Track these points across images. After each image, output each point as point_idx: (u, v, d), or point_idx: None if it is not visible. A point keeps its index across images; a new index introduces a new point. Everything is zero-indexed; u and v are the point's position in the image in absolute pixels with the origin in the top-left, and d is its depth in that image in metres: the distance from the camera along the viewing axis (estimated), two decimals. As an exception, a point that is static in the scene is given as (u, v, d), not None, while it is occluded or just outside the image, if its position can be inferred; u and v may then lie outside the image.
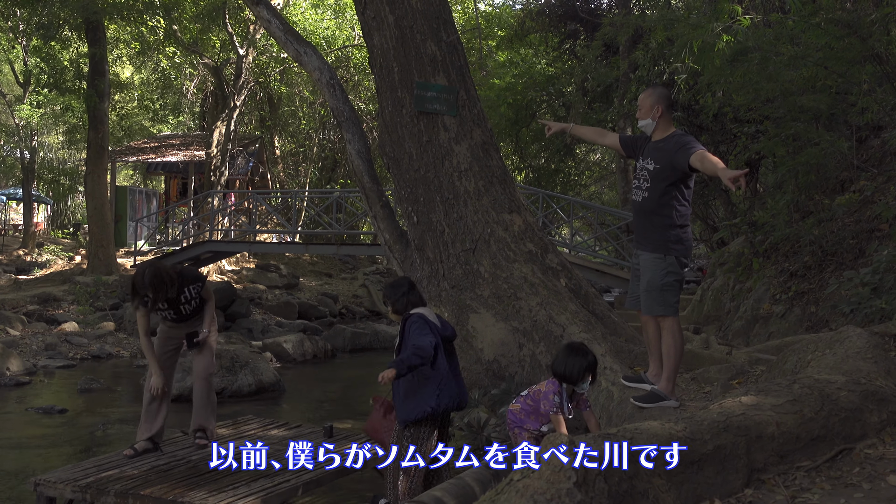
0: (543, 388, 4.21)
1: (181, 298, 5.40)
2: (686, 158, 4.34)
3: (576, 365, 4.11)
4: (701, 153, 4.31)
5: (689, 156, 4.33)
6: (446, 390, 4.29)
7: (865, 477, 3.12)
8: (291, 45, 7.77)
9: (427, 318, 4.33)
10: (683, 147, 4.39)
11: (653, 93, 4.67)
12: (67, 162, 31.28)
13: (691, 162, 4.32)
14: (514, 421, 4.29)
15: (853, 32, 7.35)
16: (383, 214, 7.22)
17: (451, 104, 6.77)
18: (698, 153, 4.32)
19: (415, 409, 4.28)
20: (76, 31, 19.67)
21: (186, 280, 5.39)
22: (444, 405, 4.29)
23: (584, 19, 20.02)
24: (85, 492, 4.73)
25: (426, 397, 4.26)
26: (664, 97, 4.63)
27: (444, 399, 4.28)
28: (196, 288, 5.44)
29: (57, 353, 13.22)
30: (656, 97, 4.62)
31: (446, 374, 4.32)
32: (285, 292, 21.57)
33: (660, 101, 4.60)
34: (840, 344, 4.26)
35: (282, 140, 30.06)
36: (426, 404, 4.25)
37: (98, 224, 19.52)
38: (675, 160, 4.41)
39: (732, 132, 14.33)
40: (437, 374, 4.28)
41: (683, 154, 4.36)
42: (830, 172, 9.49)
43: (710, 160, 4.26)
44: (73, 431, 8.46)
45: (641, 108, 4.67)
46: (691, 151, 4.34)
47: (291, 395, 10.74)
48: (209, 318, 5.58)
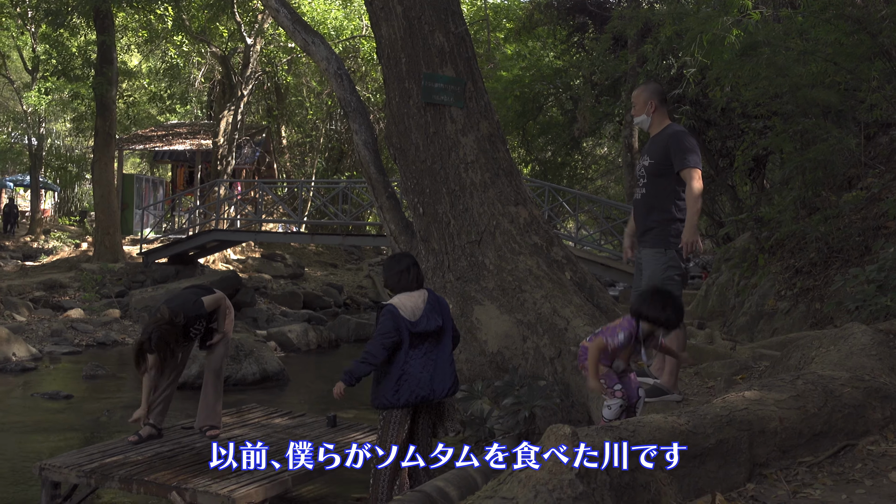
0: (617, 323, 4.02)
1: (189, 335, 5.45)
2: (678, 166, 4.39)
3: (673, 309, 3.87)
4: (688, 173, 4.35)
5: (680, 166, 4.38)
6: (406, 386, 4.18)
7: (867, 473, 3.12)
8: (299, 34, 7.76)
9: (398, 313, 4.18)
10: (677, 147, 4.42)
11: (645, 89, 4.71)
12: (75, 149, 31.32)
13: (681, 175, 4.39)
14: (584, 356, 4.11)
15: (863, 29, 7.32)
16: (389, 205, 7.22)
17: (458, 96, 6.76)
18: (686, 173, 4.37)
19: (377, 398, 4.27)
20: (85, 18, 19.68)
21: (190, 321, 5.38)
22: (403, 401, 4.19)
23: (593, 12, 19.95)
24: (89, 477, 4.77)
25: (385, 391, 4.22)
26: (657, 92, 4.67)
27: (404, 395, 4.18)
28: (201, 324, 5.48)
29: (62, 339, 13.28)
30: (649, 93, 4.65)
31: (408, 370, 4.19)
32: (290, 282, 21.61)
33: (653, 96, 4.63)
34: (844, 340, 4.26)
35: (288, 130, 30.07)
36: (384, 397, 4.22)
37: (105, 211, 19.57)
38: (669, 152, 4.44)
39: (740, 127, 14.28)
40: (396, 370, 4.19)
41: (678, 159, 4.40)
42: (838, 169, 9.46)
43: (690, 197, 4.33)
44: (77, 417, 8.51)
45: (636, 105, 4.71)
46: (685, 163, 4.37)
47: (295, 385, 10.77)
48: (222, 320, 5.61)
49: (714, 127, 16.70)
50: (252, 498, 4.43)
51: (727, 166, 16.97)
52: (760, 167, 15.81)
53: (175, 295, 5.58)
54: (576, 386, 5.44)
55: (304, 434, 5.68)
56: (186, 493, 4.45)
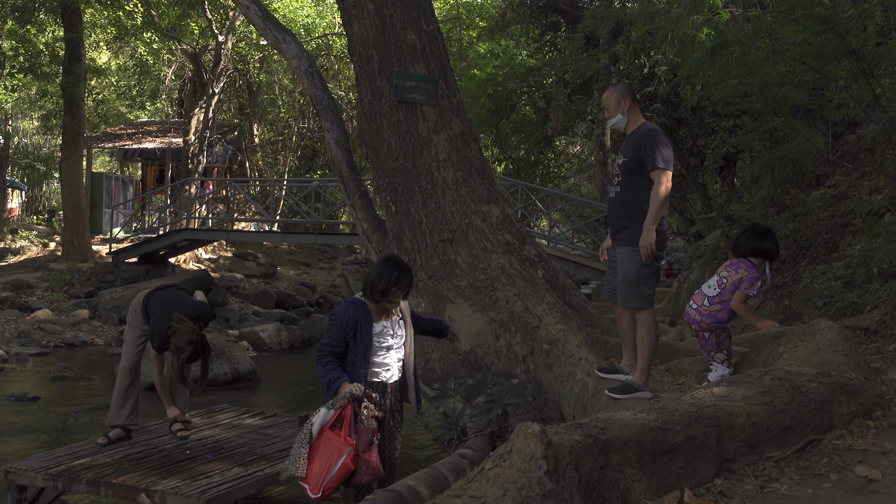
0: (734, 274, 4.52)
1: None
2: (649, 166, 4.42)
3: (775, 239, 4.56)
4: (657, 175, 4.37)
5: (651, 167, 4.40)
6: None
7: (833, 467, 3.16)
8: (270, 31, 7.70)
9: (338, 319, 4.10)
10: (650, 146, 4.42)
11: (615, 89, 4.71)
12: (43, 147, 30.84)
13: (651, 175, 4.41)
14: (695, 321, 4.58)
15: (830, 29, 7.41)
16: (361, 204, 7.19)
17: (430, 94, 6.75)
18: (655, 174, 4.38)
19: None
20: (52, 14, 19.37)
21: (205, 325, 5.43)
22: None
23: (566, 11, 20.03)
24: (56, 480, 4.69)
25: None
26: (627, 90, 4.69)
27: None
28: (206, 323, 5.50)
29: (30, 340, 13.07)
30: (620, 92, 4.66)
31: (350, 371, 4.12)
32: (263, 281, 21.45)
33: (625, 95, 4.64)
34: (811, 336, 4.32)
35: (261, 128, 29.85)
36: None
37: (73, 211, 19.29)
38: (642, 151, 4.45)
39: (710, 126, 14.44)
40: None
41: (650, 159, 4.42)
42: (806, 167, 9.59)
43: (654, 199, 4.35)
44: (45, 419, 8.38)
45: (608, 107, 4.70)
46: (654, 164, 4.39)
47: (268, 385, 10.70)
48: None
49: (685, 125, 16.86)
50: (222, 499, 4.39)
51: (698, 164, 17.15)
52: (731, 165, 15.99)
53: (177, 301, 5.40)
54: (548, 383, 5.45)
55: (276, 434, 5.64)
56: (155, 495, 4.40)
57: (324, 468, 3.81)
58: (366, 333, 4.10)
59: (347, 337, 4.08)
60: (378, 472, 3.93)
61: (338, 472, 3.78)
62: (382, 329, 4.18)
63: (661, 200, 4.34)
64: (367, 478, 3.89)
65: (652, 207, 4.36)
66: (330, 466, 3.79)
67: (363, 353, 4.09)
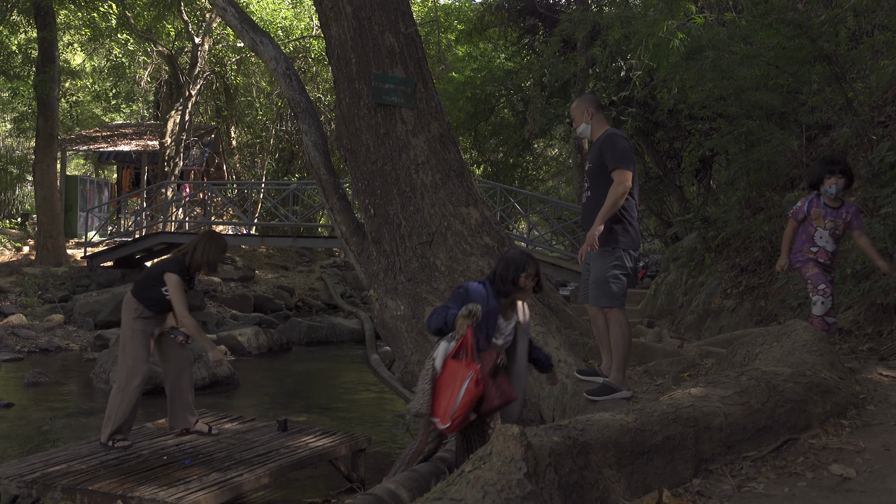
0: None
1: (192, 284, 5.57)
2: (609, 167, 4.56)
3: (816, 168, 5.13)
4: (616, 174, 4.51)
5: (611, 167, 4.55)
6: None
7: (809, 466, 3.19)
8: (247, 33, 7.66)
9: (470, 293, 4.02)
10: (609, 149, 4.58)
11: (580, 101, 4.90)
12: (15, 150, 30.41)
13: (611, 175, 4.55)
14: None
15: (803, 33, 7.51)
16: (340, 207, 7.17)
17: (408, 97, 6.75)
18: (615, 174, 4.53)
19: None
20: (25, 14, 19.14)
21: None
22: None
23: (543, 15, 20.13)
24: (31, 487, 4.63)
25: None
26: (591, 100, 4.87)
27: None
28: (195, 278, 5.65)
29: (3, 345, 12.88)
30: (584, 103, 4.85)
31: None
32: (241, 285, 21.30)
33: (588, 105, 4.82)
34: (787, 337, 4.37)
35: (238, 131, 29.68)
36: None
37: (47, 214, 19.06)
38: (604, 157, 4.61)
39: (687, 129, 14.55)
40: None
41: (609, 160, 4.57)
42: (781, 170, 9.70)
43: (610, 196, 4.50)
44: (19, 426, 8.26)
45: (574, 118, 4.90)
46: (613, 164, 4.54)
47: (246, 389, 10.63)
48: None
49: (662, 128, 17.00)
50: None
51: (675, 167, 17.29)
52: (707, 168, 16.14)
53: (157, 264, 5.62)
54: (527, 385, 5.46)
55: (254, 439, 5.60)
56: (132, 501, 4.35)
57: (449, 397, 3.73)
58: (492, 315, 4.01)
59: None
60: (509, 394, 3.82)
61: (463, 397, 3.68)
62: (499, 324, 4.10)
63: (615, 198, 4.50)
64: (499, 401, 3.78)
65: (606, 203, 4.51)
66: (454, 394, 3.71)
67: (484, 332, 3.96)
